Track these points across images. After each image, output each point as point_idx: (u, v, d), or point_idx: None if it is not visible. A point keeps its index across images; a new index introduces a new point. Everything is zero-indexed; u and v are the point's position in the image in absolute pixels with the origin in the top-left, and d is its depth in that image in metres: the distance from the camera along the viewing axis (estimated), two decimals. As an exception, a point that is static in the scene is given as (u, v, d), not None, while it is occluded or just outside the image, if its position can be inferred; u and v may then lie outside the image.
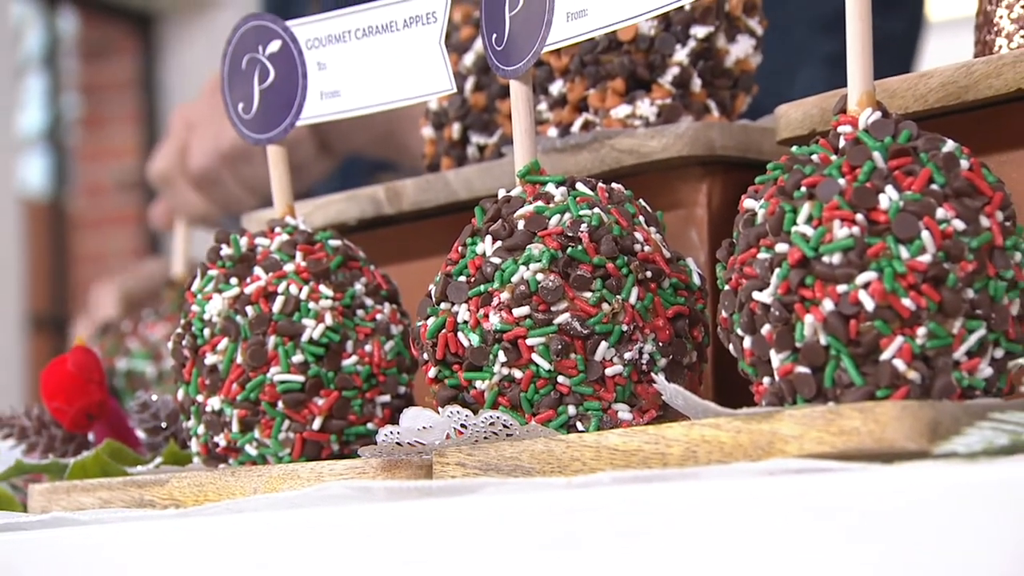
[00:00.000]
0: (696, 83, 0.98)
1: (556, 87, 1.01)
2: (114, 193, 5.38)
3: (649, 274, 0.85)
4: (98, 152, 5.58)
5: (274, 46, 0.98)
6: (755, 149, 0.96)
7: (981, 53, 0.93)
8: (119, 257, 5.39)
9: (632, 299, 0.84)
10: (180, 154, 1.52)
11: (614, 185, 0.88)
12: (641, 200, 0.89)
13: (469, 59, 1.08)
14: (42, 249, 5.26)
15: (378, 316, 0.95)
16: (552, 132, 1.01)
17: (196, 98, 1.60)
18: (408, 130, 1.44)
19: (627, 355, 0.84)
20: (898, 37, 1.60)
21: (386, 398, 0.94)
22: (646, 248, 0.85)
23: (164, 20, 5.39)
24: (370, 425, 0.93)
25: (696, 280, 0.87)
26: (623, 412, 0.84)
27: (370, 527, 0.74)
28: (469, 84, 1.08)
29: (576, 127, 1.00)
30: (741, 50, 0.99)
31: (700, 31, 0.98)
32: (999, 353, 0.75)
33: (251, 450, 0.93)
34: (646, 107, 0.98)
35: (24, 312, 4.57)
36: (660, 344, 0.85)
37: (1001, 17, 0.92)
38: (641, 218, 0.87)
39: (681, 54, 0.98)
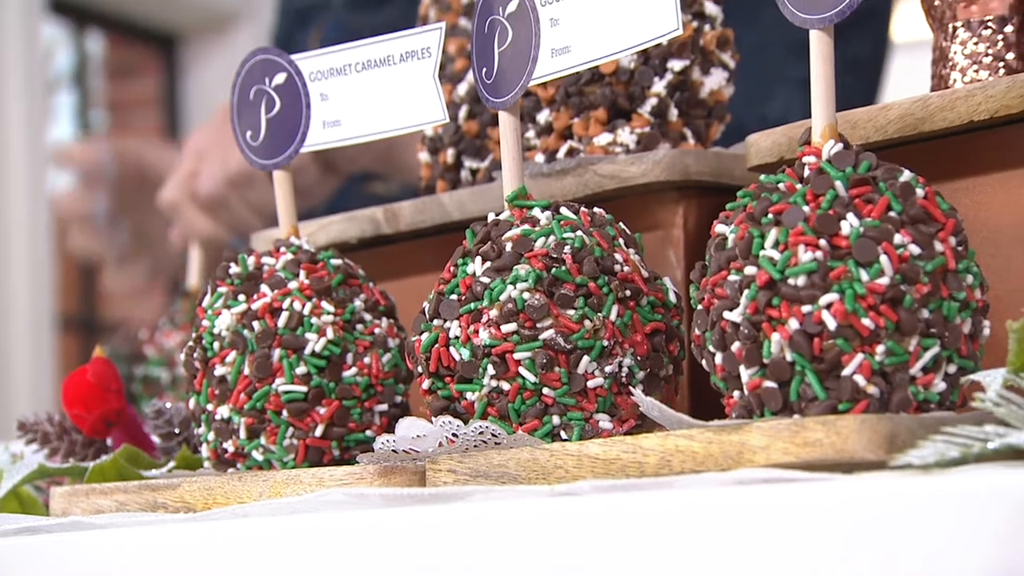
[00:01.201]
0: (673, 113, 0.98)
1: (543, 116, 1.01)
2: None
3: (628, 293, 0.85)
4: (124, 164, 5.57)
5: (280, 78, 0.97)
6: (727, 174, 0.96)
7: (937, 86, 0.93)
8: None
9: (612, 316, 0.84)
10: (189, 181, 1.52)
11: (596, 209, 0.88)
12: (621, 223, 0.89)
13: (462, 89, 1.08)
14: (72, 254, 5.25)
15: (376, 330, 0.94)
16: (539, 158, 1.01)
17: (207, 125, 1.59)
18: (405, 149, 1.44)
19: (608, 368, 0.84)
20: (865, 60, 1.60)
21: (383, 407, 0.94)
22: (625, 268, 0.85)
23: (185, 42, 5.39)
24: (369, 432, 0.93)
25: (672, 298, 0.87)
26: (604, 422, 0.84)
27: (366, 531, 0.74)
28: (462, 112, 1.08)
29: (561, 153, 1.00)
30: (715, 82, 0.99)
31: (677, 64, 0.98)
32: (952, 369, 0.76)
33: (257, 455, 0.92)
34: (626, 135, 0.98)
35: (54, 313, 4.56)
36: (638, 358, 0.85)
37: (955, 53, 0.92)
38: (621, 240, 0.87)
39: (659, 86, 0.98)
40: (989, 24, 0.92)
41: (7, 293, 4.34)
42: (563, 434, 0.83)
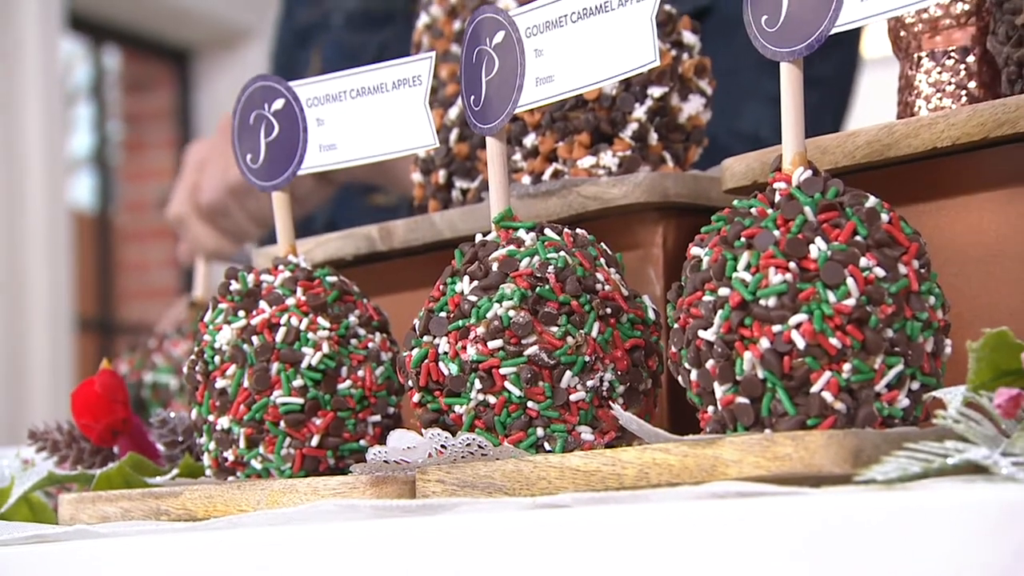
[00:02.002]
0: (653, 137, 0.98)
1: (529, 140, 1.00)
2: (153, 210, 5.37)
3: (609, 310, 0.84)
4: (139, 173, 5.58)
5: (278, 104, 0.97)
6: (704, 196, 0.96)
7: (903, 113, 0.93)
8: (158, 266, 5.39)
9: (594, 333, 0.83)
10: (191, 194, 1.51)
11: (578, 230, 0.88)
12: (603, 243, 0.89)
13: (453, 113, 1.08)
14: (89, 258, 5.26)
15: (370, 344, 0.94)
16: (526, 179, 1.01)
17: (207, 138, 1.59)
18: (396, 162, 1.43)
19: (589, 383, 0.83)
20: (832, 78, 1.60)
21: (377, 418, 0.94)
22: (606, 287, 0.85)
23: (197, 57, 5.39)
24: (362, 442, 0.93)
25: (651, 315, 0.87)
26: (586, 434, 0.83)
27: (358, 541, 0.73)
28: (453, 135, 1.08)
29: (547, 175, 1.00)
30: (693, 108, 0.99)
31: (656, 91, 0.97)
32: (915, 385, 0.75)
33: (256, 464, 0.92)
34: (609, 158, 0.98)
35: (73, 315, 4.56)
36: (619, 373, 0.84)
37: (920, 81, 0.92)
38: (602, 260, 0.87)
39: (639, 111, 0.97)
40: (952, 54, 0.92)
41: (27, 295, 4.34)
42: (547, 445, 0.83)
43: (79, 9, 4.78)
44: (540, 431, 0.83)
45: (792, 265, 0.74)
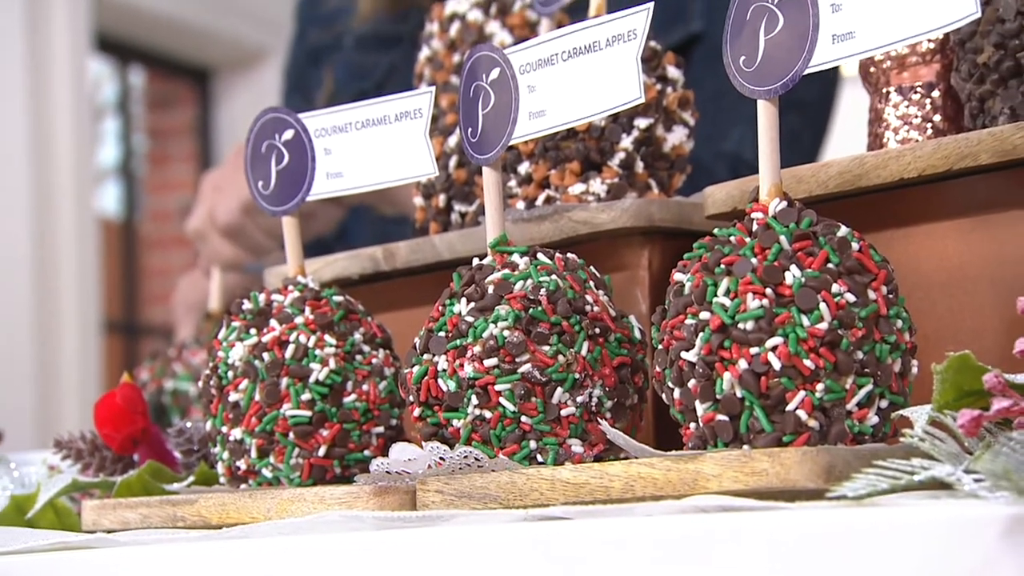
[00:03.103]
0: (639, 165, 0.98)
1: (523, 167, 1.00)
2: (176, 219, 5.37)
3: (598, 330, 0.84)
4: (162, 185, 5.58)
5: (288, 134, 0.97)
6: (687, 221, 0.95)
7: (873, 144, 0.92)
8: (179, 271, 5.38)
9: (583, 351, 0.83)
10: (209, 213, 1.51)
11: (569, 254, 0.88)
12: (592, 266, 0.88)
13: (452, 141, 1.07)
14: (115, 264, 5.25)
15: (374, 360, 0.94)
16: (520, 205, 1.00)
17: (222, 164, 1.58)
18: (398, 187, 1.42)
19: (579, 399, 0.83)
20: (815, 101, 1.59)
21: (380, 429, 0.93)
22: (595, 308, 0.84)
23: (217, 76, 5.39)
24: (367, 452, 0.92)
25: (637, 335, 0.87)
26: (576, 446, 0.83)
27: (360, 550, 0.73)
28: (452, 162, 1.07)
29: (540, 201, 0.99)
30: (676, 138, 0.98)
31: (642, 122, 0.97)
32: (884, 404, 0.75)
33: (267, 473, 0.92)
34: (598, 185, 0.97)
35: (100, 317, 4.56)
36: (607, 389, 0.84)
37: (889, 114, 0.92)
38: (591, 283, 0.86)
39: (627, 141, 0.97)
40: (918, 89, 0.92)
41: (58, 299, 4.34)
42: (539, 457, 0.82)
43: (106, 31, 4.78)
44: (533, 444, 0.82)
45: (769, 291, 0.74)
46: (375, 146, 0.94)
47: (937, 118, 0.91)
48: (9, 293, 4.23)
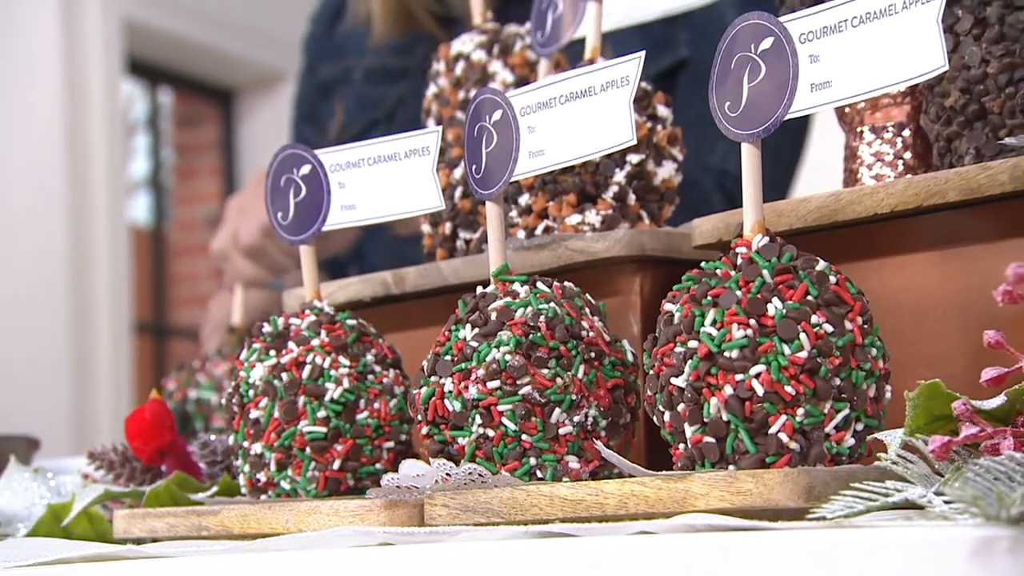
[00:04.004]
0: (631, 198, 0.97)
1: (524, 199, 0.99)
2: (202, 228, 5.36)
3: (593, 354, 0.83)
4: (189, 196, 5.57)
5: (305, 169, 0.96)
6: (677, 250, 0.95)
7: (848, 180, 0.92)
8: (205, 277, 5.38)
9: (580, 374, 0.82)
10: (233, 235, 1.50)
11: (566, 283, 0.87)
12: (587, 294, 0.87)
13: (458, 173, 1.07)
14: (146, 269, 5.25)
15: (384, 380, 0.93)
16: (521, 234, 0.99)
17: (244, 190, 1.58)
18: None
19: (576, 418, 0.82)
20: (794, 120, 1.58)
21: (391, 444, 0.92)
22: (590, 334, 0.84)
23: (239, 96, 5.38)
24: (378, 465, 0.92)
25: (630, 358, 0.86)
26: (573, 463, 0.82)
27: (370, 564, 0.72)
28: (458, 192, 1.06)
29: (539, 230, 0.98)
30: (666, 172, 0.98)
31: (634, 158, 0.96)
32: (860, 427, 0.74)
33: (285, 485, 0.91)
34: (593, 216, 0.96)
35: (131, 319, 4.55)
36: (602, 409, 0.83)
37: (863, 152, 0.91)
38: (587, 309, 0.86)
39: (619, 175, 0.96)
40: (890, 129, 0.91)
41: (92, 303, 4.33)
42: (539, 473, 0.82)
43: (137, 55, 4.77)
44: (533, 460, 0.82)
45: (752, 322, 0.73)
46: (386, 180, 0.93)
47: (908, 156, 0.90)
48: (48, 296, 4.23)
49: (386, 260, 1.59)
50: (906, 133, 0.90)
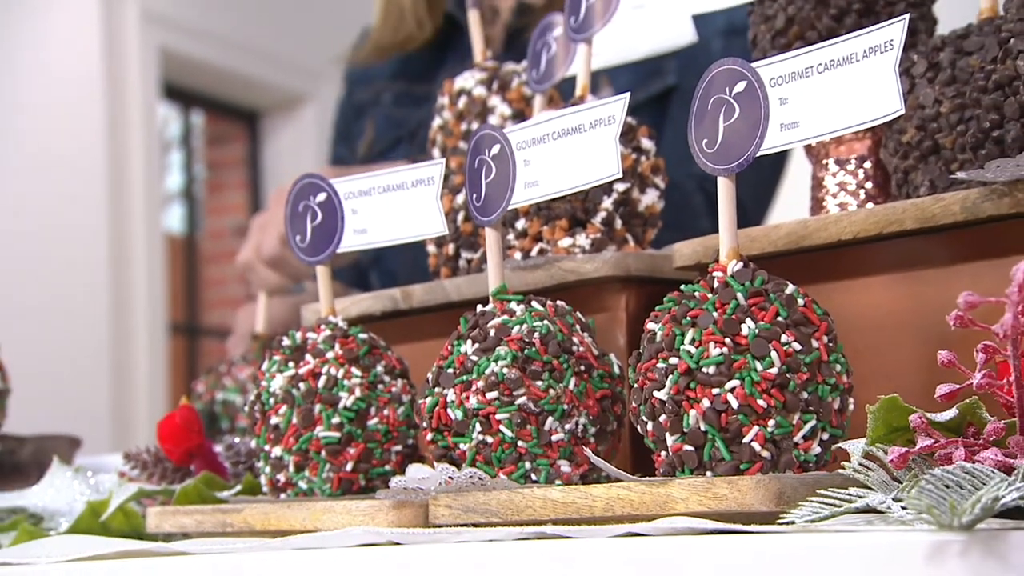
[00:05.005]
0: (618, 223, 0.96)
1: (520, 224, 0.99)
2: (230, 237, 5.35)
3: (583, 367, 0.83)
4: (219, 208, 5.57)
5: (321, 197, 0.95)
6: (659, 271, 0.94)
7: (815, 208, 0.91)
8: (233, 281, 5.37)
9: (571, 386, 0.82)
10: (256, 248, 1.50)
11: (559, 302, 0.86)
12: (578, 312, 0.87)
13: (460, 198, 1.06)
14: (179, 274, 5.24)
15: (393, 389, 0.93)
16: (517, 255, 0.99)
17: (267, 206, 1.58)
18: None
19: (567, 426, 0.82)
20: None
21: (399, 448, 0.92)
22: (581, 348, 0.83)
23: (264, 117, 5.38)
24: (388, 467, 0.91)
25: (616, 370, 0.85)
26: (564, 466, 0.82)
27: (379, 562, 0.72)
28: (460, 216, 1.06)
29: (534, 252, 0.98)
30: (649, 199, 0.97)
31: (621, 187, 0.96)
32: (826, 436, 0.74)
33: (303, 485, 0.91)
34: (583, 240, 0.96)
35: (166, 320, 4.55)
36: (591, 417, 0.83)
37: (828, 182, 0.91)
38: (577, 326, 0.85)
39: (607, 202, 0.96)
40: (853, 161, 0.90)
41: (130, 305, 4.33)
42: (533, 476, 0.81)
43: (172, 81, 4.77)
44: (528, 465, 0.81)
45: (728, 340, 0.72)
46: (394, 207, 0.93)
47: (869, 185, 0.90)
48: (90, 298, 4.22)
49: (402, 265, 1.59)
50: (867, 165, 0.90)
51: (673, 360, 0.74)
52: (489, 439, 0.81)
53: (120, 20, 4.39)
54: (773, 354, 0.72)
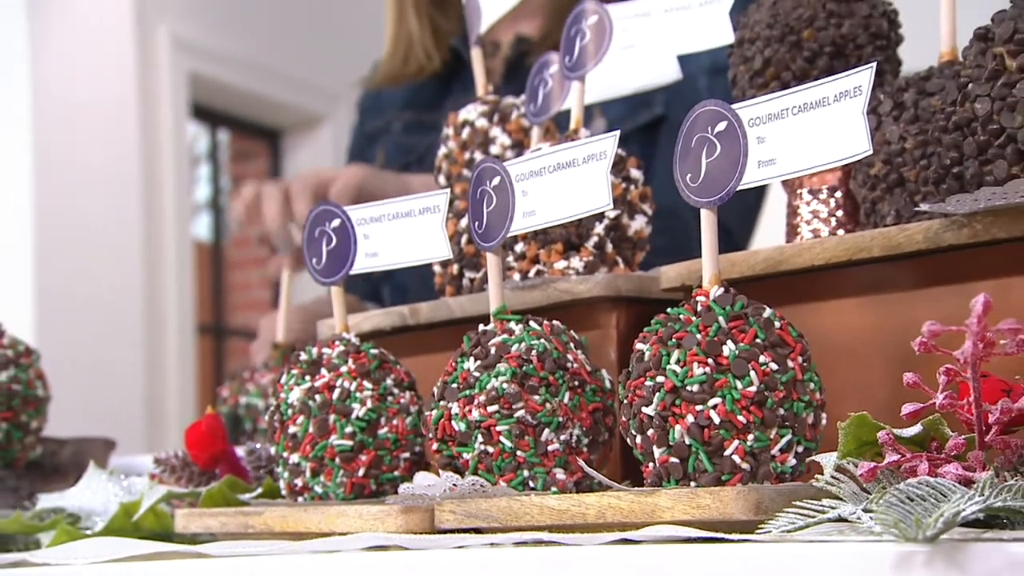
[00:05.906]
0: (609, 247, 0.96)
1: (519, 247, 0.98)
2: (254, 245, 5.33)
3: (577, 383, 0.82)
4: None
5: (336, 222, 0.95)
6: (647, 291, 0.94)
7: (790, 235, 0.91)
8: (257, 286, 5.36)
9: (566, 400, 0.81)
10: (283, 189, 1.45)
11: (555, 321, 0.86)
12: (572, 331, 0.86)
13: (463, 223, 1.05)
14: (206, 279, 5.23)
15: (402, 400, 0.92)
16: (516, 276, 0.98)
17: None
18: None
19: (562, 437, 0.81)
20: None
21: (407, 455, 0.91)
22: (575, 365, 0.83)
23: (285, 135, 5.37)
24: (396, 473, 0.91)
25: (608, 385, 0.85)
26: (560, 475, 0.81)
27: (387, 566, 0.71)
28: (463, 239, 1.05)
29: (532, 273, 0.97)
30: (638, 225, 0.97)
31: (611, 213, 0.95)
32: (800, 449, 0.73)
33: (318, 489, 0.90)
34: (577, 262, 0.95)
35: (195, 322, 4.54)
36: (584, 429, 0.82)
37: (802, 210, 0.90)
38: (572, 344, 0.85)
39: (599, 228, 0.95)
40: (825, 190, 0.90)
41: (162, 307, 4.32)
42: (531, 483, 0.81)
43: (200, 102, 4.77)
44: (526, 473, 0.81)
45: (710, 360, 0.72)
46: (403, 233, 0.92)
47: (840, 214, 0.89)
48: (124, 302, 4.21)
49: (412, 280, 1.58)
50: (838, 195, 0.89)
51: (660, 378, 0.73)
52: (490, 449, 0.81)
53: (152, 47, 4.38)
54: (752, 373, 0.71)
